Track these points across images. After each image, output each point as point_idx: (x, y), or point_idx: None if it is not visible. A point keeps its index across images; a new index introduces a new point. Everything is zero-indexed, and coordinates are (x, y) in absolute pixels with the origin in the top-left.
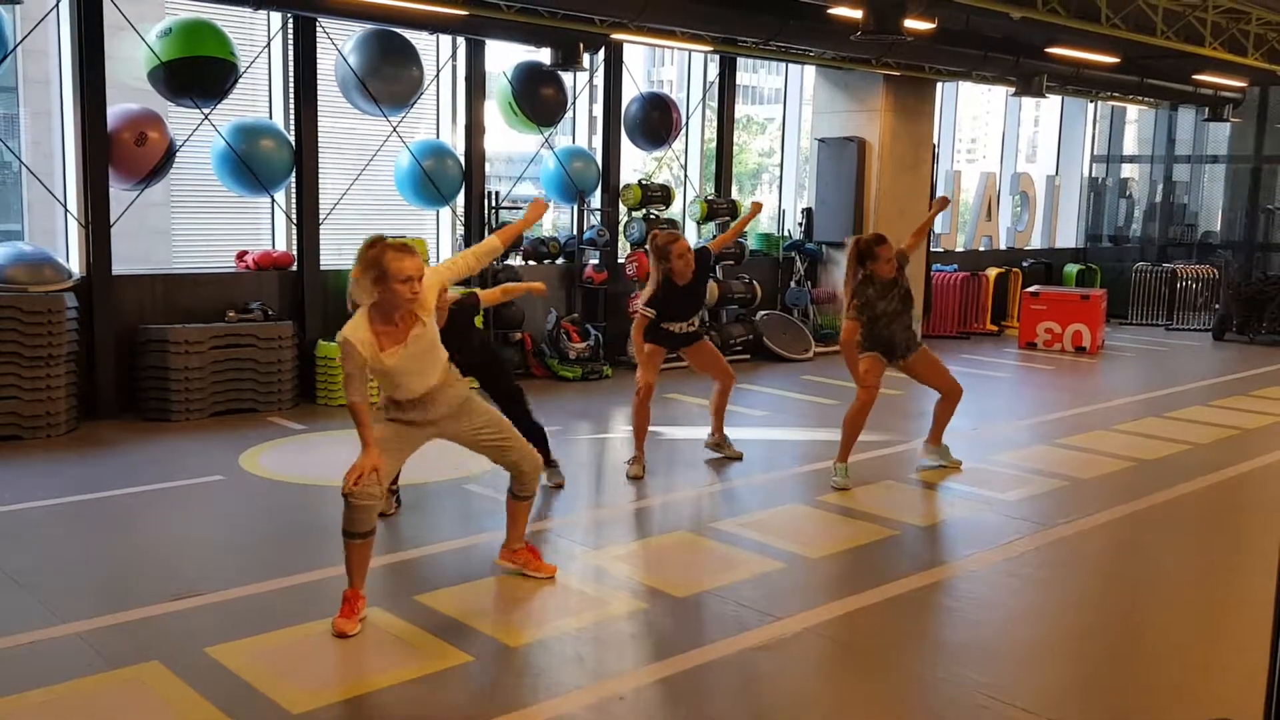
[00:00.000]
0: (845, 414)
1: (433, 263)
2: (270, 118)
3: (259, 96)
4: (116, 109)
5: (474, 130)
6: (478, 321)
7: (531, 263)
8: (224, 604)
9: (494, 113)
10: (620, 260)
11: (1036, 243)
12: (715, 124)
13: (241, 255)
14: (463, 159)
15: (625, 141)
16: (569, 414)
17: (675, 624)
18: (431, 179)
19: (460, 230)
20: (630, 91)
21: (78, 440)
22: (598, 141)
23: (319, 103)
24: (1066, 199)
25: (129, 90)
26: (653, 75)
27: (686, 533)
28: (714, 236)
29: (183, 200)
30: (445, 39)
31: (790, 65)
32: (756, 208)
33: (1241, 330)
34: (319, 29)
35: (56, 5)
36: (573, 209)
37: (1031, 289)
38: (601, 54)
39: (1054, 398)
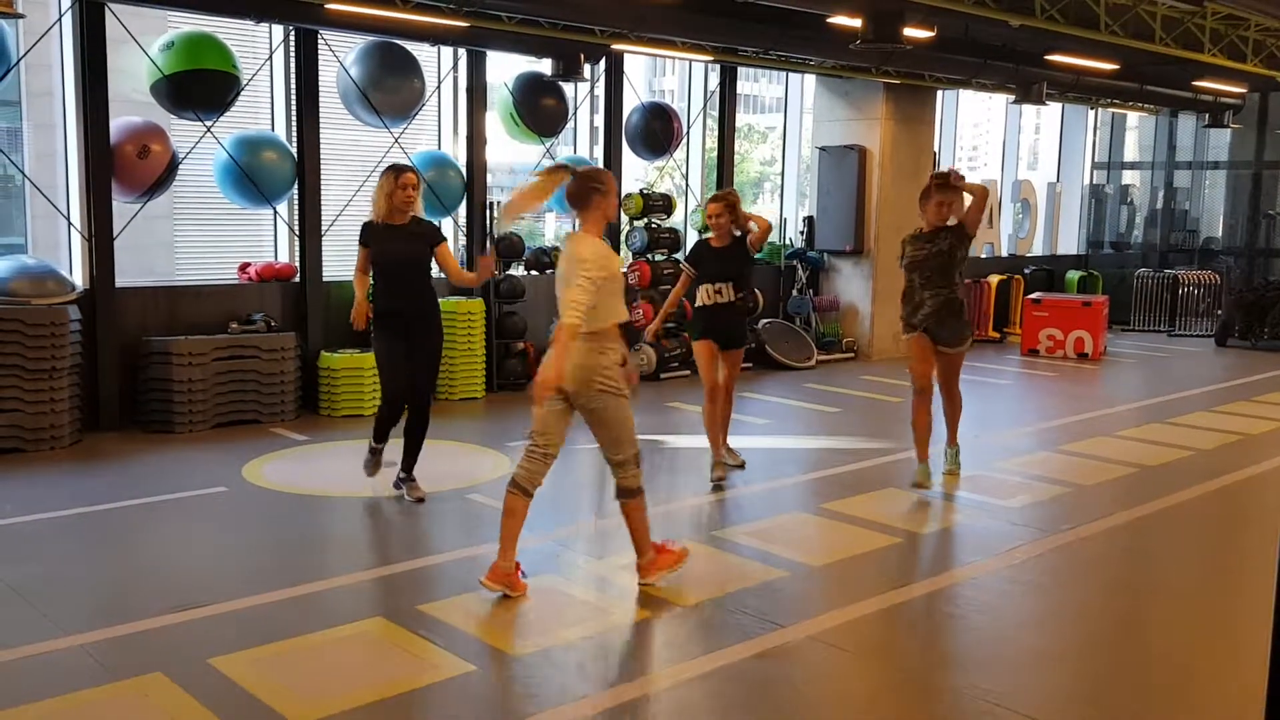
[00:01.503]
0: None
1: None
2: (272, 130)
3: (261, 109)
4: (119, 122)
5: (475, 141)
6: None
7: (534, 273)
8: (227, 615)
9: (495, 123)
10: (622, 270)
11: (1038, 250)
12: (716, 133)
13: (244, 267)
14: (464, 170)
15: (626, 151)
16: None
17: (678, 633)
18: (433, 190)
19: (463, 240)
20: (631, 101)
21: (81, 453)
22: (599, 151)
23: (321, 115)
24: (1068, 206)
25: (132, 103)
26: (653, 85)
27: (689, 541)
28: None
29: (185, 212)
30: (446, 50)
31: (790, 74)
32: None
33: (1244, 336)
34: (320, 41)
35: (60, 19)
36: (574, 219)
37: (1033, 296)
38: (602, 64)
39: (1056, 404)
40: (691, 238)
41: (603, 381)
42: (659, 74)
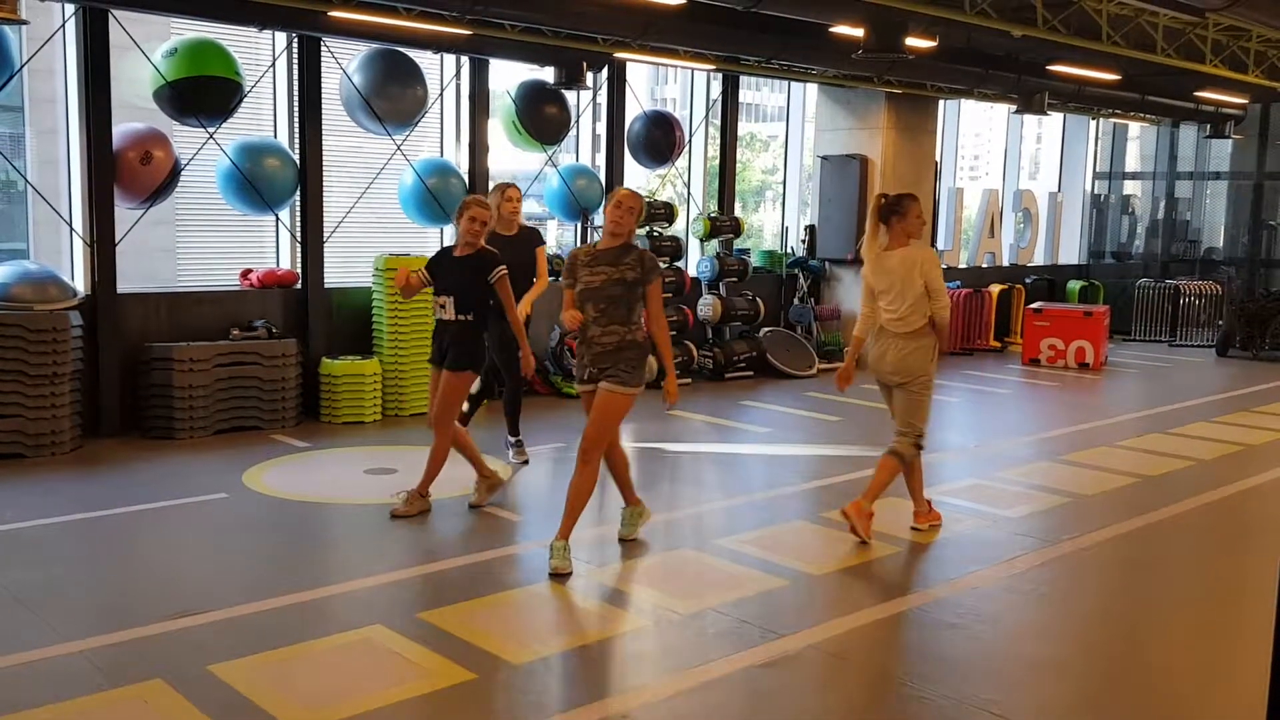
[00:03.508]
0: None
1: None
2: (275, 137)
3: (264, 115)
4: (122, 128)
5: (478, 148)
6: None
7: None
8: (227, 622)
9: (498, 131)
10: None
11: (1039, 259)
12: (718, 141)
13: (246, 273)
14: (466, 177)
15: (628, 159)
16: (572, 431)
17: (679, 641)
18: (435, 197)
19: None
20: (633, 109)
21: (82, 458)
22: (601, 159)
23: (323, 122)
24: (1069, 215)
25: (134, 109)
26: (656, 93)
27: (689, 550)
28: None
29: (187, 219)
30: (449, 58)
31: (793, 83)
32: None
33: (1245, 346)
34: (324, 48)
35: (63, 25)
36: (576, 227)
37: (1035, 305)
38: (605, 72)
39: (1057, 414)
40: (693, 245)
41: (930, 373)
42: (661, 82)
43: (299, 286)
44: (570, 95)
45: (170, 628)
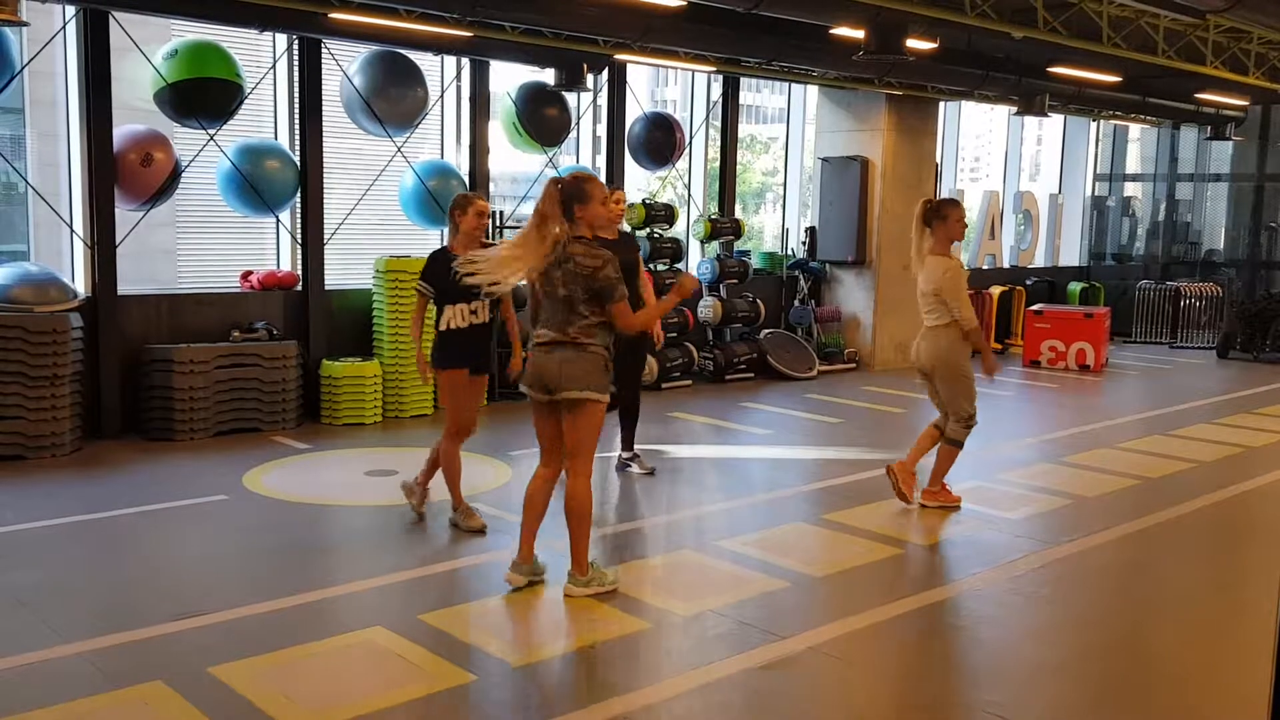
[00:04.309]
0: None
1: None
2: (275, 138)
3: (264, 117)
4: (122, 130)
5: (478, 150)
6: None
7: None
8: (227, 623)
9: (498, 133)
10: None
11: (1040, 261)
12: (719, 143)
13: (246, 275)
14: (467, 179)
15: (629, 161)
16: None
17: (679, 643)
18: (436, 199)
19: None
20: (634, 111)
21: (82, 460)
22: (601, 161)
23: (324, 123)
24: (1069, 217)
25: (135, 111)
26: (656, 95)
27: (690, 551)
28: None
29: (188, 220)
30: (450, 60)
31: (793, 85)
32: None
33: (1245, 348)
34: (324, 50)
35: (64, 27)
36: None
37: (1035, 307)
38: (605, 74)
39: (1058, 415)
40: (694, 247)
41: (957, 363)
42: (661, 84)
43: (299, 288)
44: (571, 97)
45: (171, 629)
